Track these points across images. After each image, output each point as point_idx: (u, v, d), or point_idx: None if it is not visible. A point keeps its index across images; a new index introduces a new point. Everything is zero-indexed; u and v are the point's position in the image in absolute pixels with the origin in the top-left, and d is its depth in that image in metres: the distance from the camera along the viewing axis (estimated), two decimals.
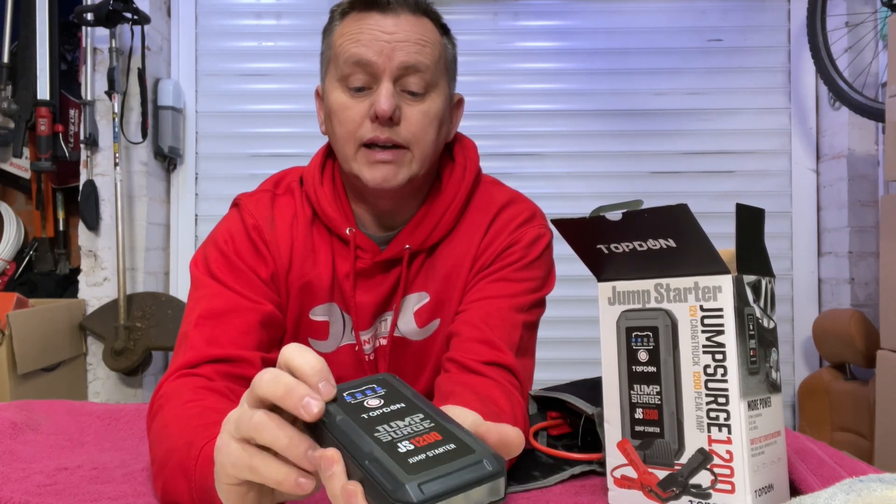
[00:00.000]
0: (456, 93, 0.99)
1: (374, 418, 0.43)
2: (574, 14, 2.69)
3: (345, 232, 0.93)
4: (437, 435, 0.41)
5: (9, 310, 2.03)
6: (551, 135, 2.66)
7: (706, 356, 0.60)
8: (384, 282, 0.95)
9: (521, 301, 0.91)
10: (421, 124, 0.89)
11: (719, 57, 2.66)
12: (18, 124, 2.33)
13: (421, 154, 0.89)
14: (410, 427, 0.42)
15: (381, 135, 0.87)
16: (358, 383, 0.46)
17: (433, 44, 0.90)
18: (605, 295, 0.67)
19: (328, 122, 0.94)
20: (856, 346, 2.14)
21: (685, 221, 0.59)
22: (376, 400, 0.44)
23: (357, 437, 0.41)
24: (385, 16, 0.88)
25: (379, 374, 0.47)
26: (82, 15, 2.28)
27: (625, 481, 0.65)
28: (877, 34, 2.39)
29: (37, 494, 0.68)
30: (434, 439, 0.41)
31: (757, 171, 2.66)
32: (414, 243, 0.94)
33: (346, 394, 0.45)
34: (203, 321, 0.84)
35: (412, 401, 0.45)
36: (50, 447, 0.86)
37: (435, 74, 0.90)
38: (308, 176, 0.98)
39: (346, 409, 0.43)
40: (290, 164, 1.05)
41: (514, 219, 0.96)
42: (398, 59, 0.86)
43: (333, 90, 0.90)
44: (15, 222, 2.60)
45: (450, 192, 0.96)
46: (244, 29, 2.70)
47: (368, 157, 0.88)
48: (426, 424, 0.42)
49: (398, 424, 0.42)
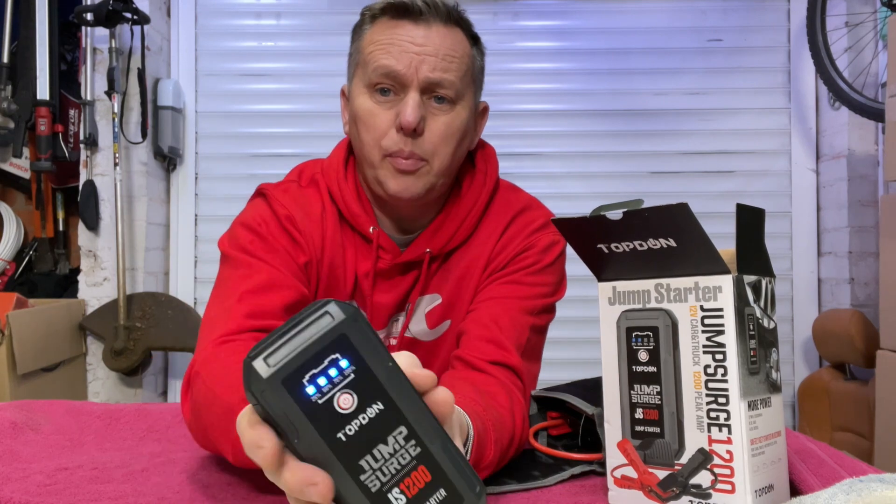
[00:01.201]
0: (482, 100, 0.99)
1: (353, 438, 0.38)
2: (574, 14, 2.69)
3: (368, 230, 0.93)
4: (425, 473, 0.39)
5: (9, 310, 2.03)
6: (551, 135, 2.66)
7: (706, 356, 0.60)
8: (401, 283, 0.95)
9: (532, 304, 0.91)
10: (443, 136, 0.89)
11: (719, 57, 2.66)
12: (18, 124, 2.33)
13: (440, 166, 0.90)
14: (397, 459, 0.39)
15: (406, 147, 0.87)
16: (312, 344, 0.38)
17: (461, 57, 0.90)
18: (605, 295, 0.67)
19: (352, 126, 0.94)
20: (856, 346, 2.14)
21: (685, 221, 0.59)
22: (348, 394, 0.38)
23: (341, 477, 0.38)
24: (417, 25, 0.88)
25: (329, 317, 0.39)
26: (82, 15, 2.28)
27: (625, 481, 0.65)
28: (877, 34, 2.39)
29: (37, 494, 0.68)
30: (424, 482, 0.39)
31: (757, 171, 2.66)
32: (434, 247, 0.94)
33: (307, 378, 0.37)
34: (248, 295, 0.83)
35: (385, 391, 0.39)
36: (50, 447, 0.86)
37: (461, 88, 0.90)
38: (331, 171, 0.97)
39: (313, 415, 0.37)
40: (290, 164, 1.05)
41: (530, 224, 0.96)
42: (425, 72, 0.87)
43: (360, 95, 0.90)
44: (15, 222, 2.60)
45: (470, 198, 0.96)
46: (244, 29, 2.70)
47: (393, 165, 0.88)
48: (412, 452, 0.39)
49: (382, 454, 0.38)
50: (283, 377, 0.37)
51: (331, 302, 0.39)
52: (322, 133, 2.60)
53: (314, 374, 0.37)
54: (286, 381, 0.37)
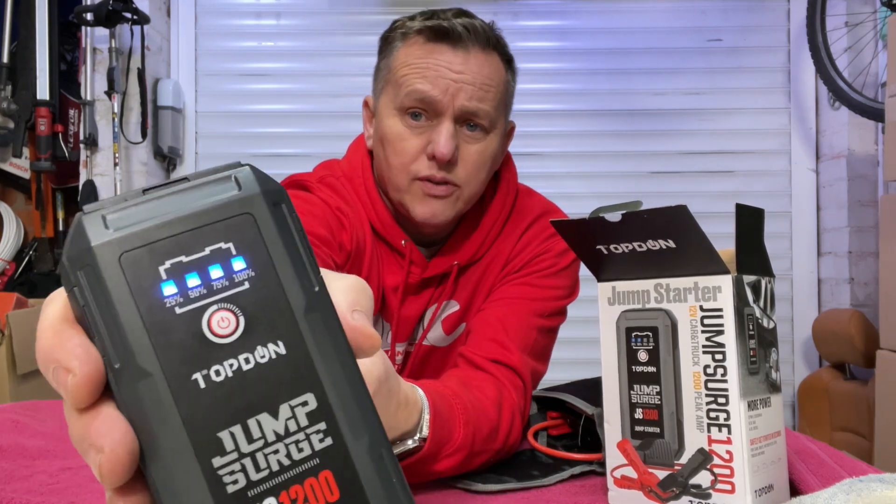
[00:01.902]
0: (510, 120, 0.97)
1: (217, 389, 0.22)
2: (574, 14, 2.69)
3: (400, 243, 0.91)
4: (329, 486, 0.23)
5: (9, 310, 2.03)
6: (551, 135, 2.66)
7: (706, 356, 0.60)
8: (425, 295, 0.95)
9: (543, 306, 0.91)
10: (476, 165, 0.87)
11: (719, 57, 2.66)
12: (18, 124, 2.33)
13: (470, 192, 0.89)
14: (287, 448, 0.22)
15: (437, 174, 0.85)
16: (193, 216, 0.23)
17: (497, 85, 0.88)
18: (604, 295, 0.67)
19: (378, 145, 0.91)
20: (855, 346, 2.15)
21: (685, 222, 0.59)
22: (228, 313, 0.23)
23: (174, 454, 0.22)
24: (455, 51, 0.85)
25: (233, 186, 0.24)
26: (82, 15, 2.28)
27: (625, 481, 0.66)
28: (876, 34, 2.40)
29: (39, 493, 0.68)
30: (323, 500, 0.23)
31: (757, 171, 2.66)
32: (462, 259, 0.93)
33: (167, 266, 0.22)
34: None
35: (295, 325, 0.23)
36: (54, 447, 0.86)
37: (495, 117, 0.88)
38: (357, 179, 0.93)
39: (159, 329, 0.22)
40: (290, 164, 1.05)
41: (547, 228, 0.96)
42: (462, 101, 0.84)
43: (390, 116, 0.88)
44: (15, 222, 2.60)
45: (496, 209, 0.96)
46: (244, 29, 2.71)
47: (423, 189, 0.86)
48: (316, 444, 0.23)
49: (263, 432, 0.22)
50: (124, 250, 0.22)
51: (246, 166, 0.24)
52: (322, 133, 2.60)
53: (181, 265, 0.22)
54: (129, 259, 0.22)
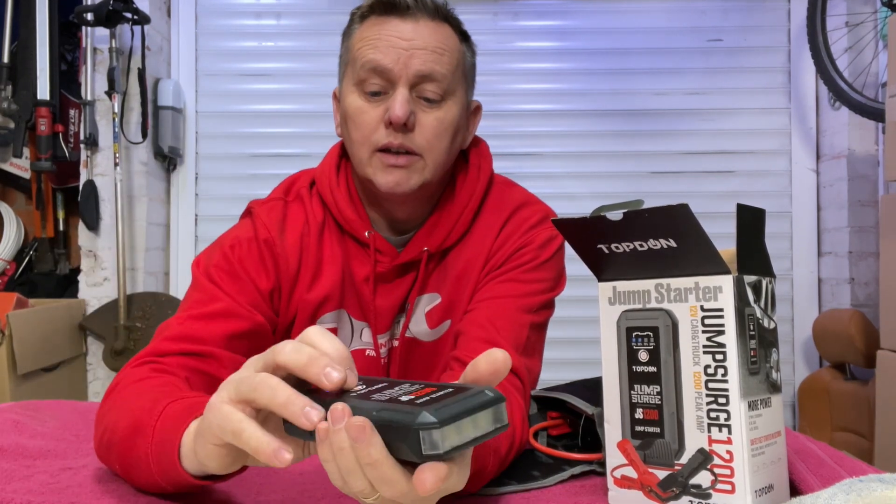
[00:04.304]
0: (474, 99, 0.98)
1: (367, 392, 0.45)
2: (574, 14, 2.69)
3: (363, 235, 0.93)
4: (431, 389, 0.44)
5: (9, 310, 2.03)
6: (551, 135, 2.66)
7: (706, 356, 0.60)
8: (400, 285, 0.95)
9: (530, 302, 0.91)
10: (435, 132, 0.88)
11: (719, 57, 2.66)
12: (18, 124, 2.33)
13: (433, 161, 0.90)
14: (403, 389, 0.45)
15: (395, 140, 0.87)
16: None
17: (451, 51, 0.89)
18: (605, 295, 0.67)
19: (344, 126, 0.94)
20: (856, 346, 2.15)
21: (686, 221, 0.59)
22: (360, 385, 0.47)
23: (358, 402, 0.44)
24: (404, 21, 0.87)
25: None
26: (82, 15, 2.28)
27: (625, 481, 0.65)
28: (877, 34, 2.40)
29: (40, 493, 0.68)
30: (430, 391, 0.44)
31: (757, 171, 2.66)
32: (431, 245, 0.94)
33: None
34: (191, 321, 0.83)
35: (392, 380, 0.48)
36: (55, 446, 0.86)
37: (452, 82, 0.89)
38: (323, 178, 0.97)
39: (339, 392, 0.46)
40: (290, 164, 1.05)
41: (527, 220, 0.96)
42: (414, 66, 0.86)
43: (350, 94, 0.90)
44: (15, 222, 2.60)
45: (464, 195, 0.96)
46: (244, 29, 2.71)
47: (383, 161, 0.88)
48: (417, 386, 0.45)
49: (391, 391, 0.45)
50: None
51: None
52: (322, 133, 2.59)
53: None
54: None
